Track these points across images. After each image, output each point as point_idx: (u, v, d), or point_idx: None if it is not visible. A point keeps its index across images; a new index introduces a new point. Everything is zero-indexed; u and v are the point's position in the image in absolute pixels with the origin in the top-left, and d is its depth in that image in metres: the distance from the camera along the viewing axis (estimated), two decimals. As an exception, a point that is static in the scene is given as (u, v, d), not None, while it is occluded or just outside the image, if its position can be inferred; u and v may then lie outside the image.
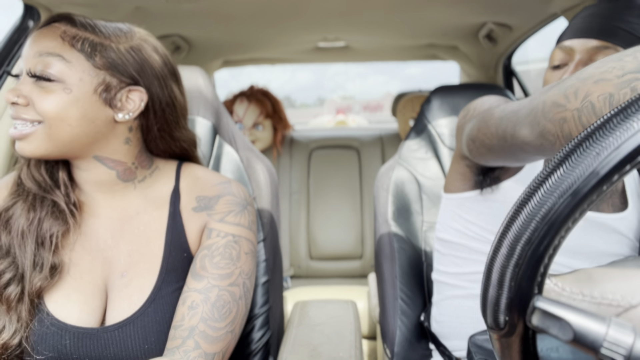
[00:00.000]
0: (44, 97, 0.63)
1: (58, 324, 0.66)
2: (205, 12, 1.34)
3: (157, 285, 0.70)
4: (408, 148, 1.17)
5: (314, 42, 1.87)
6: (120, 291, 0.70)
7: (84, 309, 0.68)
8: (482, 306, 0.35)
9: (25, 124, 0.64)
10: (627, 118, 0.28)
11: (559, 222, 0.30)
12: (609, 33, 0.77)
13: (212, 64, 2.19)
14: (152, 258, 0.72)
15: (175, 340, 0.66)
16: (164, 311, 0.69)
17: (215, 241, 0.73)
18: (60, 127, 0.64)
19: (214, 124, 1.15)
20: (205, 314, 0.67)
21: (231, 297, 0.70)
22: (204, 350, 0.66)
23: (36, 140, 0.64)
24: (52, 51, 0.63)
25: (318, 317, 0.94)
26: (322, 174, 2.22)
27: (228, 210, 0.76)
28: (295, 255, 2.14)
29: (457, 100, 1.18)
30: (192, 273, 0.71)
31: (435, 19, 1.47)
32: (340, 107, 10.95)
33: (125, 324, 0.67)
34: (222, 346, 0.68)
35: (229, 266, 0.71)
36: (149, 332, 0.67)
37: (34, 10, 1.09)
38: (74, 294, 0.68)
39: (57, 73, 0.63)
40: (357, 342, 0.85)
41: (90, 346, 0.66)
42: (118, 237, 0.73)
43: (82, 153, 0.69)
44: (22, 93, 0.63)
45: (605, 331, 0.28)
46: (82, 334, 0.66)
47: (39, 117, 0.63)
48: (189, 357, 0.65)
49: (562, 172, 0.30)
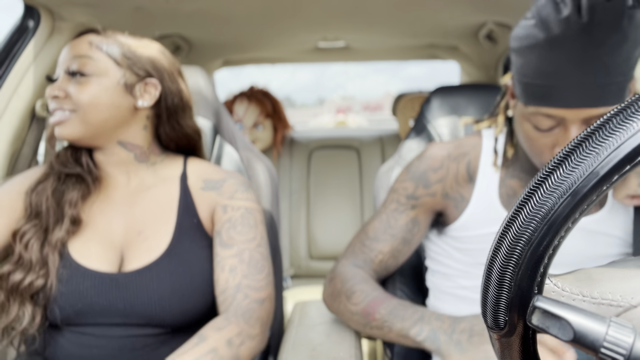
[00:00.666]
0: (80, 89, 0.78)
1: (80, 268, 0.77)
2: (205, 12, 1.34)
3: (172, 242, 0.81)
4: (408, 148, 1.17)
5: (314, 42, 1.87)
6: (136, 246, 0.80)
7: (103, 258, 0.79)
8: (482, 306, 0.35)
9: (64, 113, 0.79)
10: (627, 118, 0.28)
11: (559, 222, 0.30)
12: (609, 96, 0.63)
13: (212, 64, 2.19)
14: (166, 221, 0.83)
15: (226, 300, 0.78)
16: (177, 264, 0.79)
17: (232, 214, 0.84)
18: (93, 113, 0.79)
19: (214, 124, 1.15)
20: (244, 271, 0.80)
21: (261, 255, 0.83)
22: (253, 298, 0.78)
23: (73, 125, 0.79)
24: (84, 54, 0.80)
25: (318, 317, 0.94)
26: (322, 174, 2.22)
27: (235, 189, 0.88)
28: (295, 255, 2.14)
29: (457, 100, 1.19)
30: (221, 244, 0.82)
31: (435, 19, 1.47)
32: (340, 107, 10.95)
33: (142, 271, 0.77)
34: (266, 293, 0.80)
35: (251, 231, 0.84)
36: (163, 281, 0.77)
37: (34, 10, 1.09)
38: (94, 246, 0.80)
39: (88, 69, 0.79)
40: (357, 342, 0.85)
41: (108, 289, 0.76)
42: (133, 204, 0.85)
43: (109, 138, 0.83)
44: (61, 88, 0.79)
45: (605, 331, 0.29)
46: (102, 277, 0.77)
47: (74, 106, 0.78)
48: (241, 306, 0.77)
49: (562, 172, 0.30)
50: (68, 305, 0.75)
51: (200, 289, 0.80)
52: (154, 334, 0.78)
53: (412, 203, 0.89)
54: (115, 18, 1.27)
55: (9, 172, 1.08)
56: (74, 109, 0.79)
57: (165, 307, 0.76)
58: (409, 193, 0.90)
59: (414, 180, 0.90)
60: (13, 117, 1.07)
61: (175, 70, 0.89)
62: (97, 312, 0.76)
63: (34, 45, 1.10)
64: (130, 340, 0.77)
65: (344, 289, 0.85)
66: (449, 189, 0.88)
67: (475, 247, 0.87)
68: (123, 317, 0.76)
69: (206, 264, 0.83)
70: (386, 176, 1.16)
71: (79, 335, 0.77)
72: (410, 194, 0.89)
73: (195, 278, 0.80)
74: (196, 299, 0.79)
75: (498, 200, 0.84)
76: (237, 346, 0.72)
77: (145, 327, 0.77)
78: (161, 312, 0.76)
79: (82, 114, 0.79)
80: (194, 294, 0.79)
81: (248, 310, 0.76)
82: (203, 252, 0.83)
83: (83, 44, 0.81)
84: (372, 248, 0.90)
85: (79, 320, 0.76)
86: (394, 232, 0.89)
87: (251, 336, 0.75)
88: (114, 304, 0.76)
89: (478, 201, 0.86)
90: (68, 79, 0.79)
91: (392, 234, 0.89)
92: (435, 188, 0.88)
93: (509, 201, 0.82)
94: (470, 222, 0.86)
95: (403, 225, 0.89)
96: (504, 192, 0.84)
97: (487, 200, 0.85)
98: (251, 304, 0.77)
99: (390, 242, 0.89)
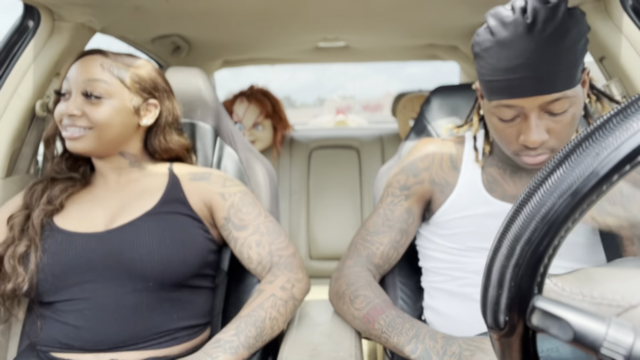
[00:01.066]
0: (95, 110, 0.87)
1: (65, 232, 0.86)
2: (205, 12, 1.34)
3: (155, 206, 0.90)
4: (408, 148, 1.17)
5: (314, 42, 1.87)
6: (120, 214, 0.89)
7: (88, 223, 0.88)
8: (482, 306, 0.35)
9: (79, 130, 0.87)
10: (626, 118, 0.28)
11: (559, 222, 0.30)
12: (557, 82, 0.71)
13: (212, 64, 2.19)
14: (151, 196, 0.92)
15: (265, 267, 0.91)
16: (159, 222, 0.87)
17: (231, 200, 0.94)
18: (107, 130, 0.89)
19: (214, 127, 1.15)
20: (269, 240, 0.92)
21: (273, 224, 0.95)
22: (286, 255, 0.92)
23: (87, 141, 0.88)
24: (97, 77, 0.88)
25: (318, 317, 0.94)
26: (322, 174, 2.22)
27: (224, 179, 0.98)
28: (295, 255, 2.14)
29: (456, 100, 1.19)
30: (236, 228, 0.93)
31: (435, 19, 1.47)
32: (340, 107, 10.93)
33: (125, 227, 0.86)
34: (292, 248, 0.94)
35: (255, 208, 0.95)
36: (144, 234, 0.85)
37: (34, 10, 1.09)
38: (79, 218, 0.89)
39: (103, 92, 0.88)
40: (357, 342, 0.85)
41: (94, 245, 0.84)
42: (120, 191, 0.94)
43: (113, 150, 0.93)
44: (79, 107, 0.87)
45: (605, 331, 0.29)
46: (87, 235, 0.85)
47: (90, 124, 0.87)
48: (279, 263, 0.90)
49: (561, 172, 0.30)
50: (57, 263, 0.82)
51: (178, 243, 0.86)
52: (140, 290, 0.83)
53: (405, 193, 0.96)
54: (115, 18, 1.27)
55: (9, 172, 1.08)
56: (90, 126, 0.88)
57: (145, 254, 0.83)
58: (401, 184, 0.97)
59: (405, 171, 0.97)
60: (13, 117, 1.07)
61: (169, 88, 1.00)
62: (84, 265, 0.83)
63: (34, 45, 1.10)
64: (119, 299, 0.82)
65: (348, 292, 0.88)
66: (434, 175, 0.95)
67: (460, 231, 0.92)
68: (109, 269, 0.83)
69: (187, 226, 0.90)
70: (386, 176, 1.16)
71: (70, 302, 0.82)
72: (402, 185, 0.97)
73: (174, 234, 0.87)
74: (175, 252, 0.85)
75: (481, 184, 0.91)
76: (289, 289, 0.86)
77: (130, 279, 0.83)
78: (142, 260, 0.83)
79: (97, 131, 0.88)
80: (173, 246, 0.85)
81: (287, 264, 0.90)
82: (186, 219, 0.91)
83: (95, 66, 0.89)
84: (372, 241, 0.95)
85: (68, 281, 0.82)
86: (391, 223, 0.95)
87: (298, 279, 0.89)
88: (98, 254, 0.83)
89: (463, 186, 0.93)
90: (83, 99, 0.88)
91: (390, 225, 0.95)
92: (423, 175, 0.95)
93: (489, 186, 0.91)
94: (455, 205, 0.92)
95: (399, 216, 0.95)
96: (485, 178, 0.92)
97: (471, 184, 0.92)
98: (287, 259, 0.91)
99: (388, 233, 0.95)
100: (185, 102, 1.13)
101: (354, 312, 0.86)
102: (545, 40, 0.68)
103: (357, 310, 0.85)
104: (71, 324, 0.81)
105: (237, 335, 0.76)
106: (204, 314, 0.93)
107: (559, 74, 0.71)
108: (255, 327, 0.78)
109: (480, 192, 0.91)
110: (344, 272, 0.93)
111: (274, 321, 0.81)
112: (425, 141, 1.00)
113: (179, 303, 0.88)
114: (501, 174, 0.91)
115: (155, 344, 0.84)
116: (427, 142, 1.00)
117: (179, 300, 0.88)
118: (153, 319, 0.84)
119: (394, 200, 0.97)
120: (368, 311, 0.83)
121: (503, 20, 0.70)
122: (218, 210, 0.94)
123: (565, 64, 0.70)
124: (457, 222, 0.92)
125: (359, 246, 0.96)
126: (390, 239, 0.95)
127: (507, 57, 0.71)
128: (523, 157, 0.79)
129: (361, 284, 0.88)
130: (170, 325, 0.86)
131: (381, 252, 0.95)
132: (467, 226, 0.91)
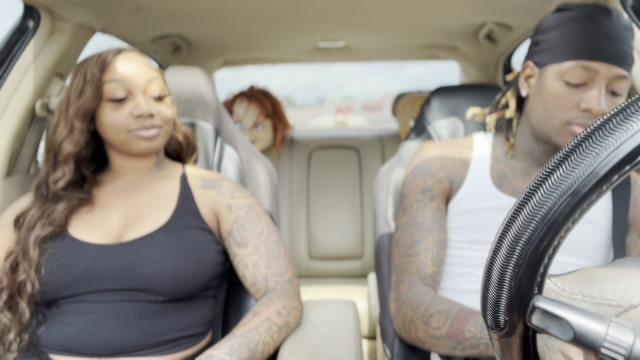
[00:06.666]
0: (164, 108, 0.91)
1: (78, 242, 0.84)
2: (205, 12, 1.34)
3: (169, 221, 0.88)
4: (408, 149, 1.17)
5: (314, 42, 1.87)
6: (134, 224, 0.87)
7: (101, 234, 0.86)
8: (482, 306, 0.35)
9: (155, 129, 0.89)
10: (626, 118, 0.28)
11: (559, 223, 0.30)
12: (628, 63, 0.81)
13: (212, 64, 2.18)
14: (164, 206, 0.91)
15: (259, 290, 0.90)
16: (171, 236, 0.86)
17: (237, 214, 0.93)
18: (170, 127, 0.94)
19: (215, 127, 1.15)
20: (265, 263, 0.90)
21: (273, 244, 0.93)
22: (282, 281, 0.90)
23: (160, 139, 0.91)
24: (155, 75, 0.91)
25: (318, 317, 0.94)
26: (322, 174, 2.22)
27: (234, 189, 0.97)
28: (295, 255, 2.13)
29: (457, 100, 1.19)
30: (236, 244, 0.91)
31: (435, 19, 1.47)
32: (340, 107, 10.94)
33: (137, 241, 0.84)
34: (290, 273, 0.92)
35: (258, 225, 0.93)
36: (157, 248, 0.84)
37: (34, 10, 1.09)
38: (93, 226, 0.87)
39: (165, 91, 0.92)
40: (357, 342, 0.85)
41: (106, 257, 0.82)
42: (134, 195, 0.92)
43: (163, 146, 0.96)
44: (153, 107, 0.88)
45: (605, 331, 0.29)
46: (99, 247, 0.83)
47: (162, 123, 0.90)
48: (276, 289, 0.88)
49: (561, 172, 0.30)
50: (67, 274, 0.81)
51: (193, 259, 0.85)
52: (148, 301, 0.82)
53: (429, 195, 0.95)
54: (115, 18, 1.27)
55: (9, 172, 1.08)
56: (162, 125, 0.91)
57: (159, 272, 0.82)
58: (422, 188, 0.96)
59: (421, 175, 0.97)
60: (13, 117, 1.07)
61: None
62: (94, 278, 0.81)
63: (34, 45, 1.10)
64: (125, 305, 0.81)
65: (417, 316, 0.81)
66: (450, 173, 0.97)
67: (466, 224, 0.92)
68: (118, 282, 0.82)
69: (201, 240, 0.89)
70: (386, 176, 1.16)
71: (76, 304, 0.82)
72: (423, 188, 0.96)
73: (189, 249, 0.85)
74: (189, 269, 0.84)
75: (490, 180, 0.93)
76: (285, 316, 0.85)
77: (140, 292, 0.82)
78: (155, 277, 0.82)
79: (167, 128, 0.93)
80: (187, 263, 0.84)
81: (283, 290, 0.88)
82: (199, 232, 0.90)
83: (145, 64, 0.91)
84: (418, 252, 0.91)
85: (76, 290, 0.81)
86: (428, 225, 0.93)
87: (294, 307, 0.88)
88: (110, 268, 0.82)
89: (473, 180, 0.94)
90: (149, 99, 0.89)
91: (428, 229, 0.92)
92: (440, 175, 0.96)
93: (499, 182, 0.93)
94: (465, 198, 0.94)
95: (432, 216, 0.94)
96: (495, 174, 0.94)
97: (480, 179, 0.94)
98: (283, 286, 0.89)
99: (430, 236, 0.92)
100: (185, 102, 1.13)
101: (434, 332, 0.78)
102: (621, 25, 0.80)
103: (436, 330, 0.77)
104: (74, 326, 0.81)
105: (230, 355, 0.74)
106: (207, 321, 0.93)
107: (630, 55, 0.80)
108: (248, 349, 0.76)
109: (489, 186, 0.92)
110: (403, 299, 0.87)
111: (266, 346, 0.80)
112: (430, 144, 1.01)
113: (185, 312, 0.87)
114: (512, 170, 0.92)
115: (158, 351, 0.83)
116: (433, 145, 1.00)
117: (185, 310, 0.87)
118: (158, 327, 0.83)
119: (420, 205, 0.94)
120: (450, 324, 0.75)
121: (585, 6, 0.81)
122: (223, 223, 0.93)
123: (631, 49, 0.80)
124: (464, 216, 0.93)
125: (405, 265, 0.91)
126: (434, 241, 0.91)
127: (593, 25, 0.79)
128: (574, 127, 0.81)
129: (428, 302, 0.81)
130: (174, 333, 0.85)
131: (431, 257, 0.90)
132: (473, 219, 0.91)
